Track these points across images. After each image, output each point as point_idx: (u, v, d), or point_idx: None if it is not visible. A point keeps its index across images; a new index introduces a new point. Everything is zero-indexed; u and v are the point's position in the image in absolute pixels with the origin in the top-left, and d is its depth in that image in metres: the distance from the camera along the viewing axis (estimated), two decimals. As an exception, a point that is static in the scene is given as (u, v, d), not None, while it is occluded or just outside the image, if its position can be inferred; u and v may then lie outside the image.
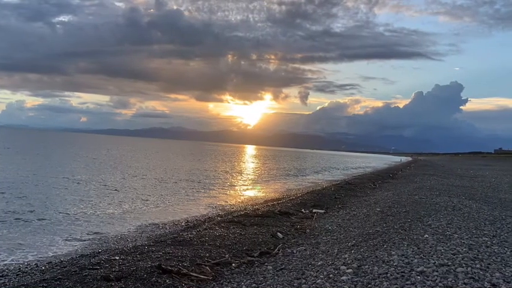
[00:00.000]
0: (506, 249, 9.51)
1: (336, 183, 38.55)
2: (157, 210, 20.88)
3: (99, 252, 11.99)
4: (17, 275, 10.16)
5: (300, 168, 69.95)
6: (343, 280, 7.66)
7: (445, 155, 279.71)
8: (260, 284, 8.60)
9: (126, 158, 69.92)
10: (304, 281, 8.18)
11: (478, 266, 8.01)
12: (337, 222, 15.49)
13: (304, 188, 34.11)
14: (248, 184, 38.10)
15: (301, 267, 9.40)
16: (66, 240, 14.28)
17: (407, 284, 7.13)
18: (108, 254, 11.12)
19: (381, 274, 7.70)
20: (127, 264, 9.50)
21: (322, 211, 19.24)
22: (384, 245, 9.92)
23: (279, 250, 11.69)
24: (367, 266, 8.26)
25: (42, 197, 22.84)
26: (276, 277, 8.93)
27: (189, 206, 22.82)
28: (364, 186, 32.09)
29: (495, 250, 9.33)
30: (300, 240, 12.93)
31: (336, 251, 10.41)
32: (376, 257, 8.86)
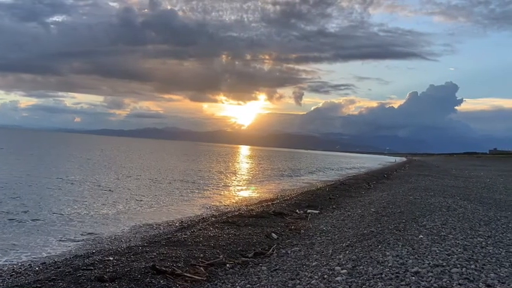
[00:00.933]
0: (501, 249, 9.52)
1: (330, 183, 38.58)
2: (151, 211, 20.86)
3: (93, 252, 11.96)
4: (11, 275, 10.12)
5: (294, 168, 69.98)
6: (337, 281, 7.64)
7: (440, 156, 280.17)
8: (254, 284, 8.57)
9: (120, 159, 69.87)
10: (298, 281, 8.16)
11: (472, 266, 8.01)
12: (331, 223, 15.47)
13: (299, 189, 34.11)
14: (242, 184, 38.13)
15: (296, 267, 9.38)
16: (60, 240, 14.25)
17: (402, 285, 7.12)
18: (102, 254, 11.09)
19: (375, 275, 7.69)
20: (121, 265, 9.47)
21: (317, 211, 19.22)
22: (378, 246, 9.91)
23: (273, 251, 11.66)
24: (361, 267, 8.25)
25: (36, 197, 22.79)
26: (270, 278, 8.90)
27: (183, 206, 22.81)
28: (359, 187, 32.10)
29: (490, 251, 9.33)
30: (295, 241, 12.91)
31: (331, 251, 10.40)
32: (371, 257, 8.85)
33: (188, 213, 20.64)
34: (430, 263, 8.17)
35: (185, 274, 9.07)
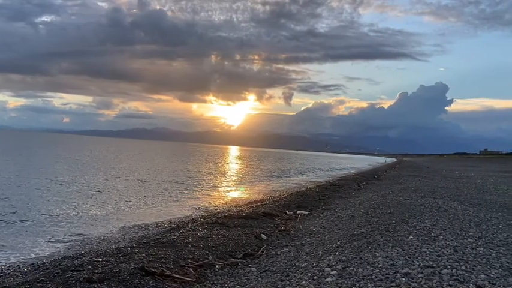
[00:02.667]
0: (491, 250, 9.51)
1: (320, 184, 38.59)
2: (140, 212, 20.78)
3: (82, 253, 11.86)
4: (-1, 276, 10.05)
5: (284, 169, 69.96)
6: (327, 282, 7.61)
7: (430, 156, 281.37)
8: (244, 285, 8.56)
9: (109, 159, 69.65)
10: (288, 282, 8.13)
11: (463, 267, 8.00)
12: (321, 224, 15.46)
13: (288, 189, 34.08)
14: (232, 185, 38.07)
15: (285, 269, 9.35)
16: (48, 241, 14.16)
17: (392, 286, 7.10)
18: (90, 255, 11.01)
19: (365, 276, 7.67)
20: (110, 266, 9.43)
21: (307, 212, 19.22)
22: (368, 247, 9.89)
23: (262, 252, 11.64)
24: (351, 268, 8.23)
25: (24, 198, 22.66)
26: (259, 279, 8.88)
27: (172, 207, 22.73)
28: (349, 187, 32.15)
29: (480, 252, 9.32)
30: (284, 242, 12.89)
31: (320, 252, 10.37)
32: (361, 258, 8.83)
33: (177, 214, 20.55)
34: (420, 264, 8.15)
35: (174, 275, 9.04)
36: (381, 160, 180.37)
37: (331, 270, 8.22)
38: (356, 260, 8.74)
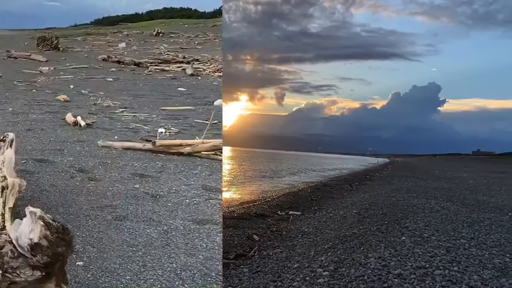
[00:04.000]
0: (484, 251, 9.46)
1: (312, 184, 38.42)
2: (132, 212, 20.64)
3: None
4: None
5: (276, 169, 69.70)
6: (319, 283, 7.57)
7: (423, 156, 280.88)
8: (235, 286, 8.49)
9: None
10: (280, 283, 8.09)
11: (455, 268, 7.95)
12: (313, 224, 15.39)
13: (280, 190, 33.87)
14: (223, 186, 37.94)
15: (277, 269, 9.28)
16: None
17: (384, 287, 7.06)
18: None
19: (357, 277, 7.62)
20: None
21: (299, 213, 19.13)
22: (360, 248, 9.84)
23: (254, 252, 11.56)
24: (344, 269, 8.18)
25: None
26: (251, 280, 8.81)
27: (164, 207, 22.59)
28: (341, 188, 32.04)
29: (473, 252, 9.27)
30: (276, 243, 12.80)
31: (313, 253, 10.31)
32: (353, 259, 8.77)
33: (169, 214, 20.44)
34: (412, 265, 8.11)
35: (165, 276, 8.97)
36: (373, 161, 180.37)
37: (324, 271, 8.17)
38: (348, 261, 8.69)
